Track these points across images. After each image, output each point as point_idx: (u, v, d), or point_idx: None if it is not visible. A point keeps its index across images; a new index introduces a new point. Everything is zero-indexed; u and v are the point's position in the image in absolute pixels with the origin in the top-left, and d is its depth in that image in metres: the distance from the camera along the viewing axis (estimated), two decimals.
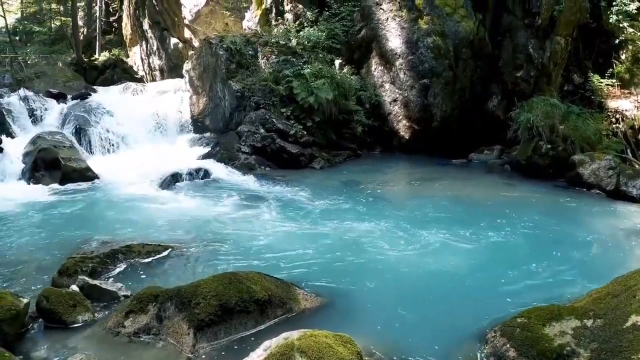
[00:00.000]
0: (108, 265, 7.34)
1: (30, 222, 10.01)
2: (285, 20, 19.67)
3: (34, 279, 7.22)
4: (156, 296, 5.71)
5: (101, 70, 28.58)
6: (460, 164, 15.79)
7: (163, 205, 11.04)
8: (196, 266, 7.59)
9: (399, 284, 7.11)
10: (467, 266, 7.69)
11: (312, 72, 16.05)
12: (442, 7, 16.17)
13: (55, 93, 18.81)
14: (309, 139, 15.56)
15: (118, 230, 9.13)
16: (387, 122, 17.23)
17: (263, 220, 9.87)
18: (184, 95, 18.91)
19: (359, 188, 12.63)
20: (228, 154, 15.11)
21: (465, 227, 9.44)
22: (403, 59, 16.60)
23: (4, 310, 5.39)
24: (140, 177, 13.40)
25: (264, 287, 5.89)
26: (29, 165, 13.49)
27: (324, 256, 8.00)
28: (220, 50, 17.42)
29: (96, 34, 32.48)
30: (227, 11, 22.22)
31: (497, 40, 16.87)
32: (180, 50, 26.95)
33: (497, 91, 16.90)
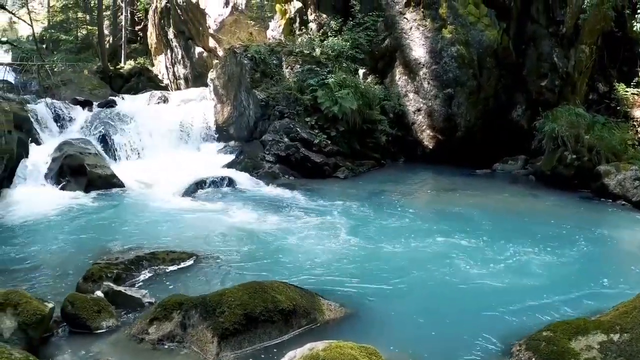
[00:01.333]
0: (133, 271, 7.36)
1: (55, 228, 10.09)
2: (309, 29, 19.69)
3: (58, 283, 7.28)
4: (181, 304, 5.72)
5: (126, 78, 28.83)
6: (485, 174, 15.69)
7: (187, 213, 11.06)
8: (220, 275, 7.56)
9: (424, 295, 7.05)
10: (492, 278, 7.59)
11: (337, 82, 16.04)
12: (466, 16, 16.12)
13: (81, 100, 18.98)
14: (333, 148, 15.52)
15: (142, 237, 9.17)
16: (411, 132, 17.17)
17: (287, 230, 9.83)
18: (208, 104, 18.98)
19: (383, 198, 12.57)
20: (252, 162, 15.14)
21: (489, 238, 9.34)
22: (427, 68, 16.57)
23: (29, 314, 5.41)
24: (164, 184, 13.46)
25: (288, 297, 5.88)
26: (55, 171, 13.59)
27: (348, 266, 7.95)
28: (245, 60, 17.49)
29: (122, 42, 32.81)
30: (252, 21, 22.24)
31: (521, 49, 16.73)
32: (204, 59, 27.08)
33: (521, 100, 16.77)
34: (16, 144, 12.51)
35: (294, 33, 20.10)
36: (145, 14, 33.32)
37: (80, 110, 18.17)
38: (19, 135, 13.61)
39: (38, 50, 26.28)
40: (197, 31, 26.90)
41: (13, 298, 5.52)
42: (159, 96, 21.03)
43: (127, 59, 32.26)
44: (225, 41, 24.11)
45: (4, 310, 5.42)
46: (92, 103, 19.00)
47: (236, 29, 23.90)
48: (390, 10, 17.35)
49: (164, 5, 29.33)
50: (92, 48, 34.26)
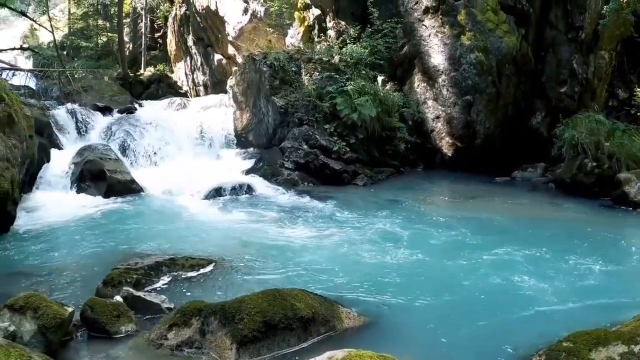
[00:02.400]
0: (152, 277, 7.36)
1: (75, 232, 10.17)
2: (327, 36, 19.72)
3: (78, 288, 7.30)
4: (200, 310, 5.72)
5: (146, 85, 29.01)
6: (504, 182, 15.58)
7: (206, 219, 11.10)
8: (239, 281, 7.54)
9: (443, 304, 6.97)
10: (512, 287, 7.50)
11: (355, 89, 16.04)
12: (485, 22, 16.05)
13: (101, 106, 19.15)
14: (352, 155, 15.52)
15: (162, 243, 9.20)
16: (430, 139, 17.14)
17: (306, 237, 9.81)
18: (227, 111, 19.08)
19: (402, 206, 12.51)
20: (271, 169, 15.18)
21: (509, 247, 9.21)
22: (446, 75, 16.54)
23: (49, 318, 5.43)
24: (184, 190, 13.58)
25: (307, 305, 5.86)
26: (75, 176, 13.72)
27: (367, 274, 7.90)
28: (264, 67, 17.54)
29: (141, 49, 33.03)
30: (270, 28, 22.29)
31: (541, 56, 16.65)
32: (223, 66, 27.17)
33: (540, 107, 16.67)
34: (37, 148, 12.58)
35: (313, 40, 20.13)
36: (165, 21, 33.50)
37: (101, 116, 18.35)
38: (40, 140, 13.71)
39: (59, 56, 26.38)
40: (216, 38, 27.01)
41: (33, 302, 5.55)
42: (179, 102, 21.17)
43: (147, 65, 32.45)
44: (244, 48, 24.19)
45: (24, 314, 5.45)
46: (112, 109, 19.16)
47: (255, 36, 23.97)
48: (408, 17, 17.35)
49: (184, 13, 29.50)
50: (112, 55, 34.50)
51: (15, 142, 10.12)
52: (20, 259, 8.59)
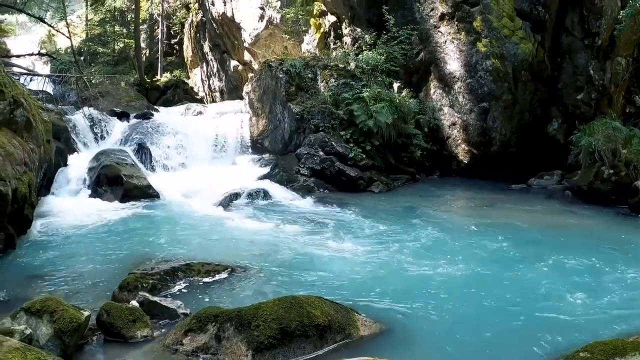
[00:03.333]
0: (168, 282, 7.36)
1: (91, 236, 10.20)
2: (343, 43, 19.76)
3: (94, 292, 7.30)
4: (216, 316, 5.71)
5: (163, 90, 29.24)
6: (520, 189, 15.48)
7: (222, 225, 11.09)
8: (255, 288, 7.51)
9: (460, 311, 6.89)
10: (530, 294, 7.42)
11: (371, 96, 16.02)
12: (501, 29, 15.98)
13: (118, 112, 19.30)
14: (367, 162, 15.49)
15: (178, 248, 9.20)
16: (446, 146, 17.10)
17: (322, 244, 9.77)
18: (243, 117, 19.12)
19: (418, 213, 12.44)
20: (287, 175, 15.16)
21: (526, 256, 9.15)
22: (462, 82, 16.51)
23: (65, 322, 5.43)
24: (200, 196, 13.58)
25: (324, 312, 5.84)
26: (92, 180, 13.81)
27: (383, 281, 7.84)
28: (280, 73, 17.58)
29: (158, 55, 33.27)
30: (286, 35, 22.35)
31: (557, 62, 16.52)
32: (239, 72, 27.30)
33: (557, 114, 16.55)
34: (54, 153, 12.66)
35: (329, 47, 20.19)
36: (181, 27, 33.73)
37: (117, 122, 18.50)
38: (58, 145, 13.80)
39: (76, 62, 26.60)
40: (233, 45, 27.14)
41: (50, 305, 5.57)
42: (195, 108, 21.31)
43: (164, 71, 32.68)
44: (260, 55, 24.29)
45: (41, 317, 5.47)
46: (129, 114, 19.30)
47: (271, 42, 24.07)
48: (424, 23, 17.32)
49: (200, 19, 29.69)
50: (129, 61, 34.75)
51: (33, 146, 10.17)
52: (36, 262, 8.62)
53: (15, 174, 8.93)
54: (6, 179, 8.41)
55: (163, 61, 33.45)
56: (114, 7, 37.24)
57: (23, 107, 10.03)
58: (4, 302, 6.81)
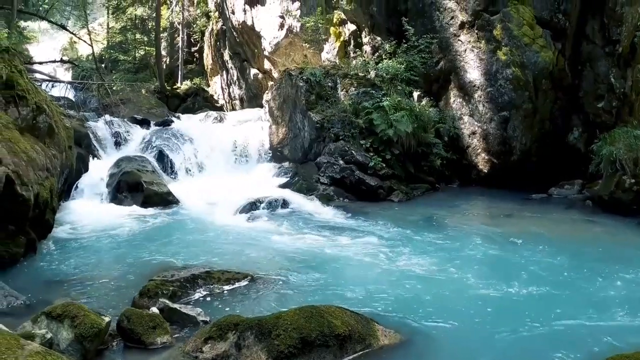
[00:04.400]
0: (188, 289, 7.37)
1: (112, 242, 10.29)
2: (363, 52, 19.75)
3: (114, 297, 7.36)
4: (236, 324, 5.70)
5: (183, 98, 29.42)
6: (540, 199, 15.28)
7: (242, 233, 11.10)
8: (274, 296, 7.51)
9: (480, 323, 6.81)
10: (553, 305, 7.31)
11: (391, 104, 15.99)
12: (521, 37, 15.86)
13: (139, 119, 19.45)
14: (387, 171, 15.43)
15: (197, 255, 9.21)
16: (466, 155, 17.00)
17: (341, 253, 9.72)
18: (263, 125, 19.17)
19: (438, 223, 12.36)
20: (307, 184, 15.18)
21: (547, 266, 9.04)
22: (482, 90, 16.42)
23: (86, 327, 5.48)
24: (219, 203, 13.59)
25: (344, 322, 5.81)
26: (112, 186, 13.92)
27: (403, 291, 7.80)
28: (300, 82, 17.62)
29: (178, 63, 33.44)
30: (306, 43, 22.37)
31: (577, 70, 16.37)
32: (259, 80, 27.38)
33: (578, 123, 16.38)
34: (76, 159, 12.77)
35: (349, 56, 20.19)
36: (202, 35, 33.89)
37: (138, 128, 18.64)
38: (79, 151, 13.95)
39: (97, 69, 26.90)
40: (253, 53, 27.22)
41: (71, 310, 5.61)
42: (215, 116, 21.37)
43: (184, 79, 32.84)
44: (280, 63, 24.34)
45: (62, 322, 5.51)
46: (149, 121, 19.42)
47: (291, 51, 24.11)
48: (444, 32, 17.27)
49: (220, 28, 29.82)
50: (150, 68, 34.97)
51: (55, 152, 10.26)
52: (57, 266, 8.70)
53: (37, 179, 9.01)
54: (28, 184, 8.48)
55: (183, 69, 33.60)
56: (135, 15, 37.54)
57: (46, 114, 10.12)
58: (25, 305, 6.86)
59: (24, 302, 6.95)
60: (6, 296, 6.93)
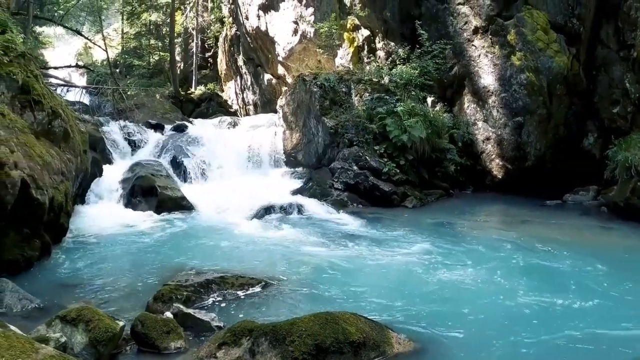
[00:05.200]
0: (202, 294, 7.35)
1: (126, 246, 10.31)
2: (377, 57, 19.75)
3: (127, 301, 7.36)
4: (251, 330, 5.67)
5: (197, 103, 29.52)
6: (555, 205, 15.19)
7: (255, 238, 11.07)
8: (288, 302, 7.46)
9: (496, 331, 6.71)
10: (568, 315, 7.19)
11: (405, 110, 15.98)
12: (535, 42, 15.81)
13: (153, 124, 19.54)
14: (401, 177, 15.43)
15: (211, 260, 9.18)
16: (480, 161, 16.96)
17: (356, 259, 9.67)
18: (277, 130, 19.21)
19: (453, 229, 12.31)
20: (320, 189, 15.17)
21: (563, 273, 8.99)
22: (496, 96, 16.38)
23: (101, 331, 5.49)
24: (233, 208, 13.61)
25: (359, 329, 5.77)
26: (126, 191, 13.96)
27: (417, 299, 7.73)
28: (314, 87, 17.64)
29: (192, 68, 33.58)
30: (320, 49, 22.36)
31: (592, 75, 16.28)
32: (273, 85, 27.42)
33: (592, 128, 16.28)
34: (90, 163, 12.82)
35: (362, 61, 20.19)
36: (216, 41, 34.04)
37: (152, 133, 18.74)
38: (93, 155, 13.98)
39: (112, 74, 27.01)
40: (266, 58, 27.27)
41: (86, 314, 5.62)
42: (229, 121, 21.49)
43: (198, 84, 32.96)
44: (293, 68, 24.36)
45: (76, 326, 5.52)
46: (163, 126, 19.52)
47: (305, 56, 24.12)
48: (458, 37, 17.26)
49: (234, 33, 29.91)
50: (164, 73, 35.15)
51: (70, 156, 10.30)
52: (71, 270, 8.72)
53: (52, 183, 9.05)
54: (43, 188, 8.52)
55: (197, 74, 33.72)
56: (150, 20, 37.78)
57: (61, 118, 10.17)
58: (39, 309, 6.87)
59: (38, 305, 6.95)
60: (21, 299, 6.95)
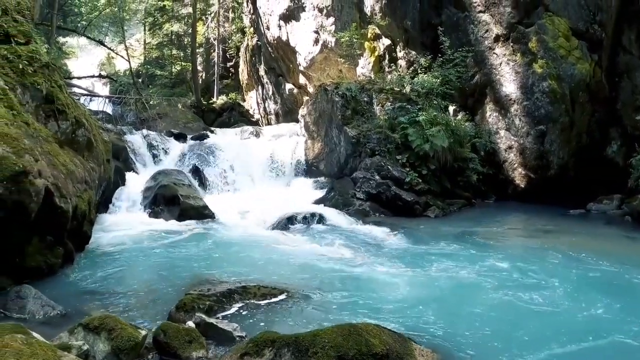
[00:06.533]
0: (224, 304, 7.33)
1: (148, 255, 10.33)
2: (398, 66, 19.72)
3: (150, 310, 7.38)
4: (273, 341, 5.64)
5: (219, 112, 29.70)
6: (578, 214, 15.03)
7: (277, 248, 11.06)
8: (311, 313, 7.40)
9: (523, 344, 6.60)
10: (592, 329, 7.04)
11: (427, 119, 15.92)
12: (557, 49, 15.69)
13: (175, 133, 19.70)
14: (423, 187, 15.35)
15: (233, 270, 9.17)
16: (502, 170, 16.82)
17: (378, 269, 9.61)
18: (299, 140, 19.27)
19: (476, 239, 12.16)
20: (342, 199, 15.15)
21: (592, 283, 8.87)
22: (518, 104, 16.26)
23: (123, 340, 5.52)
24: (255, 218, 13.66)
25: (382, 341, 5.71)
26: (149, 199, 14.05)
27: (440, 309, 7.66)
28: (336, 97, 17.66)
29: (214, 78, 33.78)
30: (341, 58, 22.38)
31: (614, 82, 16.12)
32: (295, 95, 27.47)
33: (616, 136, 16.10)
34: (113, 172, 12.92)
35: (384, 70, 20.18)
36: (237, 51, 34.18)
37: (175, 142, 18.88)
38: (116, 164, 14.12)
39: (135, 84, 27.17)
40: (288, 68, 27.33)
41: (108, 323, 5.64)
42: (250, 131, 21.60)
43: (220, 94, 33.16)
44: (315, 78, 24.40)
45: (99, 334, 5.54)
46: (186, 136, 19.66)
47: (326, 66, 24.15)
48: (479, 45, 17.19)
49: (255, 43, 30.03)
50: (186, 83, 35.41)
51: (93, 165, 10.39)
52: (94, 278, 8.75)
53: (76, 191, 9.11)
54: (67, 197, 8.57)
55: (219, 84, 33.92)
56: (172, 31, 38.06)
57: (84, 127, 10.25)
58: (62, 315, 6.92)
59: (61, 312, 7.00)
60: (43, 306, 7.01)
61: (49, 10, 23.72)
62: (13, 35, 9.59)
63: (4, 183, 7.20)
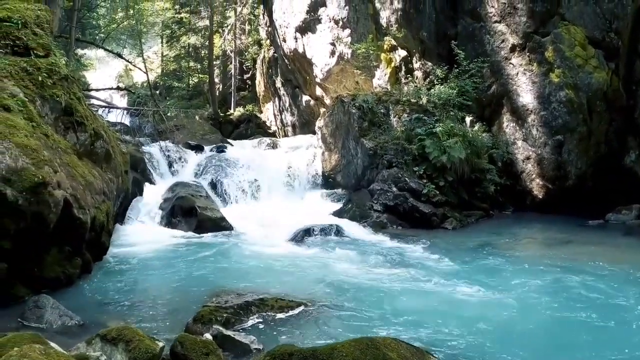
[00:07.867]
0: (241, 316, 7.33)
1: (165, 266, 10.40)
2: (415, 78, 19.68)
3: (167, 322, 7.39)
4: (290, 354, 5.59)
5: (236, 124, 29.83)
6: (597, 225, 14.82)
7: (295, 260, 11.03)
8: (329, 326, 7.38)
9: (537, 357, 6.65)
10: (611, 344, 6.98)
11: (444, 131, 15.85)
12: (573, 58, 15.53)
13: (193, 145, 19.77)
14: (441, 198, 15.26)
15: (250, 282, 9.18)
16: (520, 181, 16.67)
17: (396, 282, 9.54)
18: (316, 151, 19.28)
19: (495, 251, 12.06)
20: (360, 211, 15.12)
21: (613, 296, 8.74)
22: (535, 114, 16.14)
23: (141, 352, 5.48)
24: (272, 230, 13.65)
25: (400, 355, 5.64)
26: (167, 211, 14.10)
27: (460, 322, 7.57)
28: (353, 109, 17.66)
29: (231, 90, 33.91)
30: (358, 70, 22.39)
31: (632, 90, 15.82)
32: (311, 107, 27.50)
33: (634, 145, 15.77)
34: (131, 183, 13.00)
35: (400, 81, 20.15)
36: (254, 63, 34.33)
37: (192, 154, 18.97)
38: (134, 175, 14.22)
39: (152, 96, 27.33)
40: (304, 80, 27.37)
41: (126, 334, 5.63)
42: (268, 142, 21.67)
43: (237, 106, 33.28)
44: (331, 90, 24.42)
45: (116, 345, 5.53)
46: (203, 147, 19.72)
47: (342, 77, 24.17)
48: (495, 56, 17.10)
49: (272, 55, 30.13)
50: (203, 95, 35.58)
51: (111, 176, 10.47)
52: (111, 288, 8.81)
53: (94, 202, 9.18)
54: (85, 207, 8.64)
55: (236, 96, 34.04)
56: (189, 43, 38.29)
57: (103, 139, 10.34)
58: (79, 326, 6.98)
59: (78, 322, 7.05)
60: (61, 316, 7.06)
61: (68, 23, 23.94)
62: (32, 48, 9.70)
63: (23, 194, 7.28)
